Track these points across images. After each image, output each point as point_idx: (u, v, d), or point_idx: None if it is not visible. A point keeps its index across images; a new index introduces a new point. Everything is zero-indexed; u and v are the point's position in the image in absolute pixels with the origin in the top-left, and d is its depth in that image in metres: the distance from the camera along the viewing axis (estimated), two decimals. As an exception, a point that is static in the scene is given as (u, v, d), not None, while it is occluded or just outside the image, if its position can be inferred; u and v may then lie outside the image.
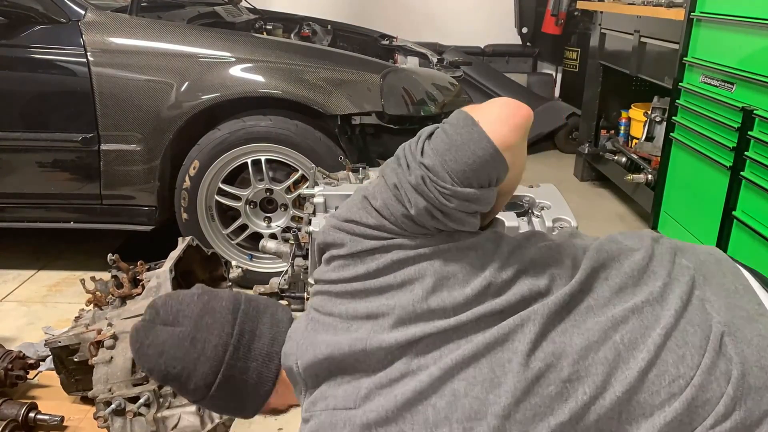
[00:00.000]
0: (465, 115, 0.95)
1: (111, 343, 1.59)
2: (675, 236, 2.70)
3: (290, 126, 2.47)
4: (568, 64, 5.29)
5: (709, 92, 2.41)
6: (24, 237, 3.09)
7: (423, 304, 0.95)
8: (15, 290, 2.68)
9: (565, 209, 1.40)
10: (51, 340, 1.79)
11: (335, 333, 0.99)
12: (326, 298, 1.03)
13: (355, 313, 0.99)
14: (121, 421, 1.48)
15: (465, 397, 0.90)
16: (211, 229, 2.61)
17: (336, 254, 1.02)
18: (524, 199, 1.45)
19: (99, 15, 2.48)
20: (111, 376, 1.54)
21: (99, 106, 2.45)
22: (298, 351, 1.02)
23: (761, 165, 2.06)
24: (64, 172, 2.58)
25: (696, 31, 2.54)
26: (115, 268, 1.91)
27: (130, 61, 2.44)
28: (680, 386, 0.89)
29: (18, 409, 1.72)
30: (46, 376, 2.00)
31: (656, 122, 3.38)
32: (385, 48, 3.68)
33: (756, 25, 2.12)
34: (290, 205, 2.58)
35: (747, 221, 2.13)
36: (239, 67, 2.47)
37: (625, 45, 3.42)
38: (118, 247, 2.49)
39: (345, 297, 1.00)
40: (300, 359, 1.01)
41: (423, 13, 5.71)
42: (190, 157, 2.51)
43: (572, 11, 5.01)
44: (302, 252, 1.62)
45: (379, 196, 0.99)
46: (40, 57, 2.46)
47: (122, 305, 1.83)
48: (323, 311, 1.02)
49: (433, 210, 0.95)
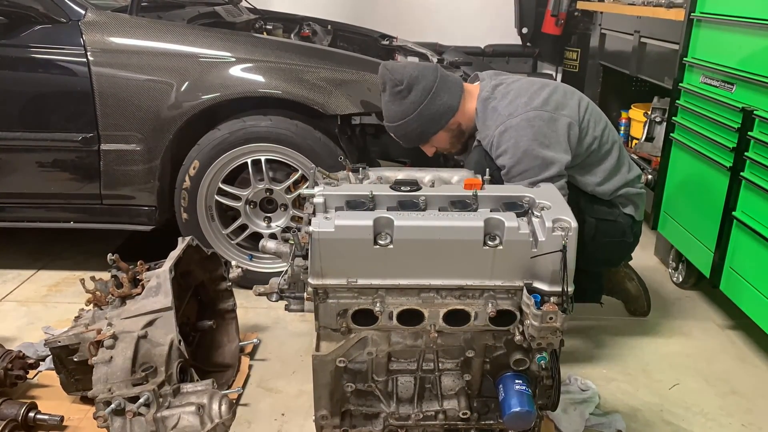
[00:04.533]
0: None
1: (111, 343, 1.59)
2: (675, 236, 2.71)
3: (290, 126, 2.47)
4: (568, 65, 5.28)
5: (709, 93, 2.41)
6: (24, 237, 3.09)
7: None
8: (15, 290, 2.68)
9: (565, 209, 1.40)
10: (51, 339, 1.79)
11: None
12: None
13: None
14: (121, 420, 1.48)
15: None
16: (211, 229, 2.62)
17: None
18: (524, 199, 1.45)
19: (99, 15, 2.48)
20: (111, 375, 1.54)
21: (99, 105, 2.45)
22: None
23: (761, 165, 2.06)
24: (64, 172, 2.58)
25: (696, 31, 2.54)
26: (115, 267, 1.90)
27: (130, 60, 2.44)
28: None
29: (18, 409, 1.72)
30: (46, 376, 2.00)
31: (656, 122, 3.38)
32: (386, 48, 3.68)
33: (756, 25, 2.12)
34: (290, 205, 2.58)
35: (747, 221, 2.13)
36: (239, 67, 2.47)
37: (625, 45, 3.42)
38: (118, 247, 2.49)
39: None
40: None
41: (423, 13, 5.70)
42: (190, 157, 2.51)
43: (572, 11, 5.01)
44: (302, 252, 1.62)
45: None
46: (40, 57, 2.46)
47: (122, 305, 1.83)
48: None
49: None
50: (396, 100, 2.04)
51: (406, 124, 2.05)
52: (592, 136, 2.03)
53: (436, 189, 1.55)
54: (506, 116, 1.95)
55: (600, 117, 2.10)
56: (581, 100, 2.06)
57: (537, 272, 1.36)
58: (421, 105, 2.02)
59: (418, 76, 2.03)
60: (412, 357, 1.51)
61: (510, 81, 2.10)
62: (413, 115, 2.03)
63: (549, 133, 1.93)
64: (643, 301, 2.47)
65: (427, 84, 2.02)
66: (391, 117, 2.08)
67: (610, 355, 2.24)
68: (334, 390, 1.50)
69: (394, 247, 1.34)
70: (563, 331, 1.34)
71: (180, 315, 1.77)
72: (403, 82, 2.01)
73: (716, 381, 2.11)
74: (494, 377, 1.51)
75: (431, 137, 2.10)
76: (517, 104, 1.97)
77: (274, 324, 2.40)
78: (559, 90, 2.06)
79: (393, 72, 2.04)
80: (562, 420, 1.84)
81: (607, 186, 2.09)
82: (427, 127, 2.06)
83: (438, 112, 2.04)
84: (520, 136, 1.92)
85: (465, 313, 1.40)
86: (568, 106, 2.00)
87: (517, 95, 2.01)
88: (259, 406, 1.95)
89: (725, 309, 2.55)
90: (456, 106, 2.06)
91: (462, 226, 1.34)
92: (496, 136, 1.95)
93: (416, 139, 2.11)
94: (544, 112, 1.95)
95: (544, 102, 1.97)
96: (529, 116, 1.93)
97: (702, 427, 1.90)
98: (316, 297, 1.41)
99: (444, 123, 2.06)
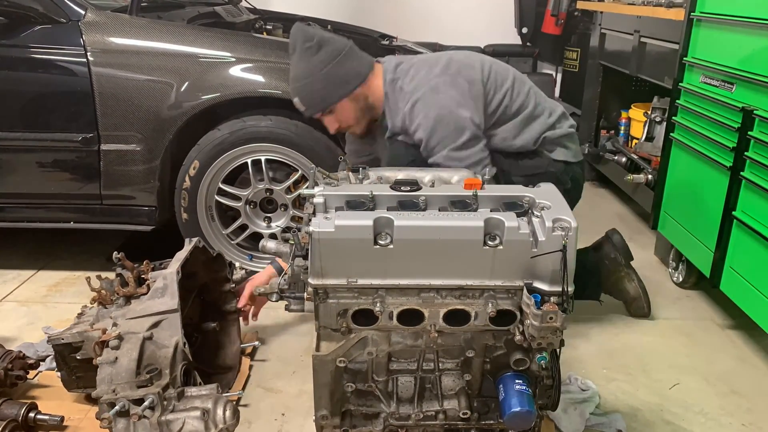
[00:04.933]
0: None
1: (116, 344, 1.58)
2: (675, 237, 2.71)
3: (290, 126, 2.47)
4: (568, 65, 5.28)
5: (709, 92, 2.41)
6: (24, 237, 3.09)
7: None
8: (15, 290, 2.68)
9: (565, 209, 1.40)
10: (54, 336, 1.78)
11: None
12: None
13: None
14: (125, 422, 1.48)
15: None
16: (211, 229, 2.62)
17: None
18: (524, 199, 1.45)
19: (99, 15, 2.48)
20: (115, 376, 1.53)
21: (99, 106, 2.45)
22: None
23: (761, 165, 2.06)
24: (64, 172, 2.58)
25: (696, 31, 2.54)
26: (120, 266, 1.90)
27: (130, 61, 2.45)
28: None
29: (18, 409, 1.72)
30: (46, 376, 2.00)
31: (656, 122, 3.38)
32: (385, 48, 3.67)
33: (756, 25, 2.12)
34: (290, 205, 2.58)
35: (747, 221, 2.13)
36: (239, 67, 2.47)
37: (625, 45, 3.42)
38: (118, 248, 2.49)
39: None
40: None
41: (423, 13, 5.70)
42: (190, 157, 2.51)
43: (572, 11, 5.01)
44: (302, 252, 1.62)
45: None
46: (40, 57, 2.46)
47: (126, 304, 1.82)
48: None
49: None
50: (304, 57, 2.02)
51: (311, 83, 2.02)
52: (502, 93, 2.06)
53: (436, 189, 1.55)
54: (411, 91, 1.99)
55: (507, 72, 2.12)
56: (483, 61, 2.09)
57: (537, 272, 1.36)
58: (329, 65, 2.00)
59: (330, 38, 2.04)
60: (412, 357, 1.51)
61: (409, 59, 2.13)
62: (320, 74, 2.00)
63: (455, 95, 1.96)
64: (643, 303, 2.46)
65: (337, 46, 2.03)
66: (297, 75, 2.05)
67: (610, 355, 2.24)
68: (334, 390, 1.50)
69: (394, 247, 1.34)
70: (563, 331, 1.34)
71: (184, 316, 1.77)
72: (313, 39, 2.00)
73: (716, 381, 2.11)
74: (494, 377, 1.51)
75: (335, 104, 2.06)
76: (419, 78, 2.01)
77: (274, 324, 2.40)
78: (458, 55, 2.09)
79: (305, 30, 2.03)
80: (562, 420, 1.84)
81: (525, 135, 2.10)
82: (332, 89, 2.03)
83: (346, 75, 2.03)
84: (428, 106, 1.95)
85: (465, 313, 1.40)
86: (470, 68, 2.03)
87: (418, 69, 2.04)
88: (260, 406, 1.95)
89: (725, 309, 2.55)
90: (364, 75, 2.06)
91: (462, 226, 1.34)
92: (407, 113, 1.99)
93: (319, 102, 2.06)
94: (446, 76, 1.98)
95: (444, 68, 2.01)
96: (432, 84, 1.97)
97: (702, 427, 1.90)
98: (316, 297, 1.41)
99: (350, 89, 2.04)
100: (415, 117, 1.98)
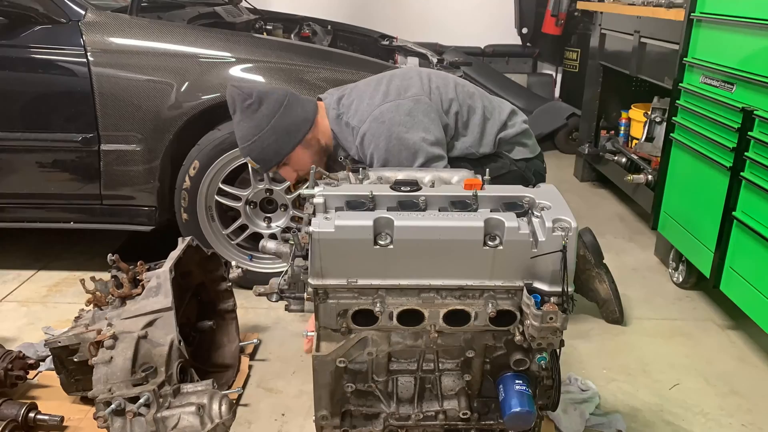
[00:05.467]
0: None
1: (111, 343, 1.59)
2: (675, 237, 2.71)
3: (290, 126, 2.47)
4: (568, 65, 5.29)
5: (709, 93, 2.41)
6: (24, 237, 3.09)
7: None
8: (15, 290, 2.68)
9: (565, 210, 1.40)
10: (51, 340, 1.79)
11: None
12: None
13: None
14: (121, 421, 1.48)
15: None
16: (211, 229, 2.61)
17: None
18: (524, 199, 1.45)
19: (99, 15, 2.48)
20: (111, 376, 1.54)
21: (99, 106, 2.45)
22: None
23: (761, 165, 2.06)
24: (64, 172, 2.58)
25: (696, 31, 2.54)
26: (115, 268, 1.90)
27: (130, 61, 2.45)
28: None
29: (18, 409, 1.72)
30: (46, 376, 2.00)
31: (656, 123, 3.38)
32: (385, 48, 3.68)
33: (756, 26, 2.12)
34: (290, 205, 2.58)
35: (747, 222, 2.13)
36: (239, 67, 2.47)
37: (625, 45, 3.42)
38: (118, 248, 2.49)
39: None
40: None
41: (423, 14, 5.71)
42: (190, 157, 2.51)
43: (572, 12, 5.02)
44: (302, 252, 1.62)
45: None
46: (40, 57, 2.46)
47: (122, 305, 1.83)
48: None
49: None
50: (247, 115, 1.97)
51: (261, 139, 1.97)
52: (449, 100, 2.02)
53: (436, 189, 1.55)
54: (357, 125, 1.96)
55: (447, 80, 2.08)
56: (421, 74, 2.05)
57: (537, 272, 1.36)
58: (275, 116, 1.96)
59: (267, 91, 2.00)
60: (412, 357, 1.51)
61: (349, 90, 2.07)
62: (267, 128, 1.96)
63: (400, 119, 1.92)
64: (614, 306, 2.39)
65: (278, 97, 1.98)
66: (244, 136, 2.00)
67: (610, 355, 2.25)
68: (334, 390, 1.50)
69: (394, 247, 1.34)
70: (563, 331, 1.34)
71: (180, 315, 1.77)
72: (252, 95, 1.96)
73: (716, 381, 2.11)
74: (494, 377, 1.51)
75: (289, 155, 2.02)
76: (362, 110, 1.97)
77: (274, 324, 2.40)
78: (396, 76, 2.05)
79: (241, 88, 1.99)
80: (562, 420, 1.84)
81: (486, 140, 2.07)
82: (283, 141, 1.98)
83: (293, 123, 1.98)
84: (376, 137, 1.92)
85: (465, 313, 1.40)
86: (409, 87, 1.99)
87: (360, 101, 1.99)
88: (259, 406, 1.95)
89: (725, 309, 2.55)
90: (312, 118, 2.02)
91: (462, 226, 1.34)
92: (358, 146, 1.96)
93: (273, 156, 2.02)
94: (387, 103, 1.94)
95: (384, 95, 1.97)
96: (375, 114, 1.93)
97: (702, 427, 1.90)
98: (316, 297, 1.41)
99: (301, 136, 2.00)
100: (366, 150, 1.95)
